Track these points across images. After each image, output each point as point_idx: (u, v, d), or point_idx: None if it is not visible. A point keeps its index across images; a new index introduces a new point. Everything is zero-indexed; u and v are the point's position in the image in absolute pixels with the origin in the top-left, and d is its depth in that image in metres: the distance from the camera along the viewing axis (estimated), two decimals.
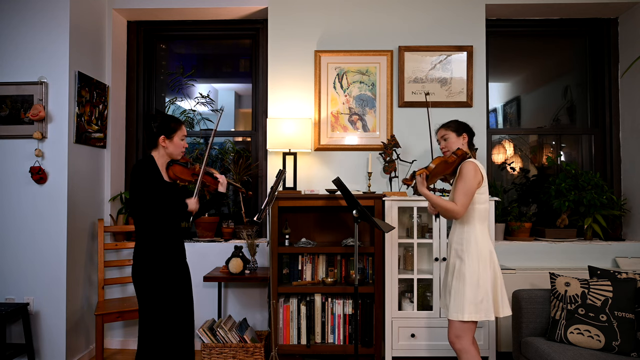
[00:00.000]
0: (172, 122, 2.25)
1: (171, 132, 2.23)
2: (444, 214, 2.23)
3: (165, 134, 2.22)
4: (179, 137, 2.25)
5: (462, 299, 2.13)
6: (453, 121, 2.40)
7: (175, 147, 2.25)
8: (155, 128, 2.21)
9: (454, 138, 2.33)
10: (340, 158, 3.44)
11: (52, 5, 3.01)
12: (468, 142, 2.36)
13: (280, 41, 3.46)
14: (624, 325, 2.32)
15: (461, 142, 2.33)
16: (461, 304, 2.13)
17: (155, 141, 2.23)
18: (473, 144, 2.42)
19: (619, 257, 3.27)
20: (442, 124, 2.41)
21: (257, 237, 3.52)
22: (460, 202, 2.14)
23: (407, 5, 3.45)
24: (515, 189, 3.74)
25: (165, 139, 2.22)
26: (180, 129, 2.26)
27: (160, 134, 2.21)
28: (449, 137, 2.33)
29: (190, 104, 3.79)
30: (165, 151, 2.25)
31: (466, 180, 2.15)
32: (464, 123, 2.39)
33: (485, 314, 2.11)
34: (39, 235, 2.97)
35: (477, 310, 2.11)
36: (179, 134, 2.25)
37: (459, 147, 2.29)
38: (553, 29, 3.72)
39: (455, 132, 2.34)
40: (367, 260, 3.14)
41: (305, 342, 3.06)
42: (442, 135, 2.37)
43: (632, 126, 3.47)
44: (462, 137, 2.33)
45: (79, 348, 3.17)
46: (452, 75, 3.41)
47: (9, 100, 3.00)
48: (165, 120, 2.24)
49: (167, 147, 2.23)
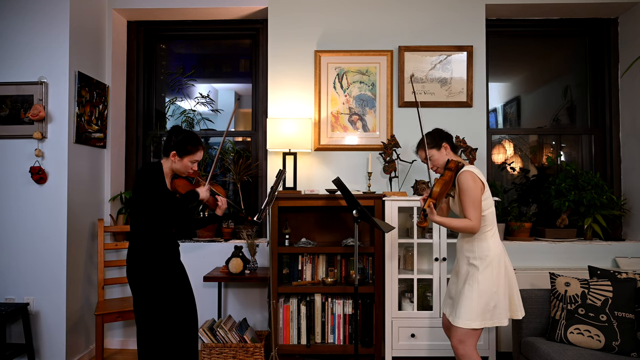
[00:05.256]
0: (189, 145, 2.24)
1: (184, 154, 2.24)
2: (462, 232, 2.18)
3: (177, 152, 2.23)
4: (189, 159, 2.26)
5: (475, 306, 2.09)
6: (426, 136, 2.28)
7: (182, 167, 2.26)
8: (173, 142, 2.24)
9: (436, 154, 2.26)
10: (340, 158, 3.44)
11: (52, 5, 3.01)
12: (451, 148, 2.28)
13: (280, 41, 3.46)
14: (624, 325, 2.32)
15: (445, 153, 2.26)
16: (473, 311, 2.09)
17: (168, 152, 2.25)
18: (455, 145, 2.34)
19: (619, 257, 3.27)
20: (417, 146, 2.32)
21: (257, 237, 3.52)
22: (474, 216, 2.09)
23: (407, 5, 3.45)
24: (515, 189, 3.74)
25: (176, 155, 2.24)
26: (194, 154, 2.26)
27: (174, 149, 2.23)
28: (432, 155, 2.26)
29: (190, 104, 3.79)
30: (172, 165, 2.27)
31: (469, 191, 2.10)
32: (436, 132, 2.31)
33: (499, 320, 2.10)
34: (39, 235, 2.98)
35: (490, 317, 2.10)
36: (191, 157, 2.26)
37: (448, 159, 2.23)
38: (553, 29, 3.72)
39: (434, 147, 2.26)
40: (367, 260, 3.14)
41: (305, 342, 3.06)
42: (424, 157, 2.28)
43: (632, 126, 3.47)
44: (444, 148, 2.26)
45: (79, 348, 3.17)
46: (452, 75, 3.41)
47: (9, 100, 3.00)
48: (185, 140, 2.24)
49: (175, 163, 2.26)
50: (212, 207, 2.41)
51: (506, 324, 2.12)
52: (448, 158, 2.24)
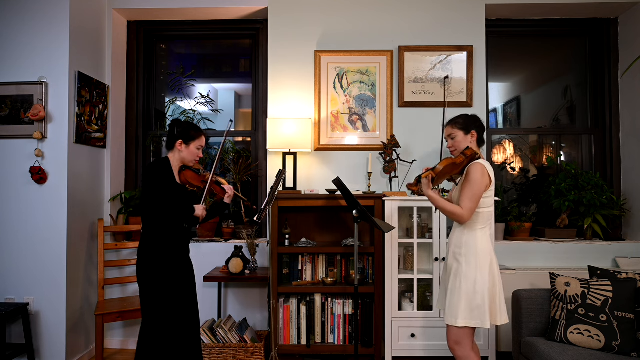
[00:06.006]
0: (192, 130, 2.34)
1: (189, 139, 2.33)
2: (449, 217, 2.15)
3: (183, 139, 2.31)
4: (195, 145, 2.35)
5: (458, 304, 2.07)
6: (461, 116, 2.24)
7: (189, 154, 2.34)
8: (177, 132, 2.32)
9: (461, 137, 2.19)
10: (340, 158, 3.44)
11: (52, 5, 3.01)
12: (478, 138, 2.21)
13: (280, 41, 3.46)
14: (624, 325, 2.32)
15: (469, 141, 2.19)
16: (456, 308, 2.07)
17: (173, 144, 2.33)
18: (483, 139, 2.27)
19: (619, 257, 3.27)
20: (450, 120, 2.25)
21: (257, 237, 3.52)
22: (467, 207, 2.06)
23: (407, 5, 3.45)
24: (515, 189, 3.74)
25: (183, 143, 2.32)
26: (198, 139, 2.36)
27: (179, 137, 2.31)
28: (457, 135, 2.20)
29: (190, 104, 3.79)
30: (179, 155, 2.34)
31: (473, 183, 2.06)
32: (473, 117, 2.23)
33: (481, 321, 2.04)
34: (39, 235, 2.97)
35: (471, 317, 2.05)
36: (196, 142, 2.35)
37: (468, 146, 2.17)
38: (553, 29, 3.72)
39: (463, 129, 2.19)
40: (367, 260, 3.14)
41: (305, 342, 3.06)
42: (449, 133, 2.23)
43: (632, 126, 3.47)
44: (471, 135, 2.19)
45: (79, 348, 3.17)
46: (452, 75, 3.41)
47: (9, 100, 3.00)
48: (187, 127, 2.34)
49: (182, 152, 2.33)
50: (221, 195, 2.49)
51: (488, 326, 2.04)
52: (469, 145, 2.18)
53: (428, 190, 2.13)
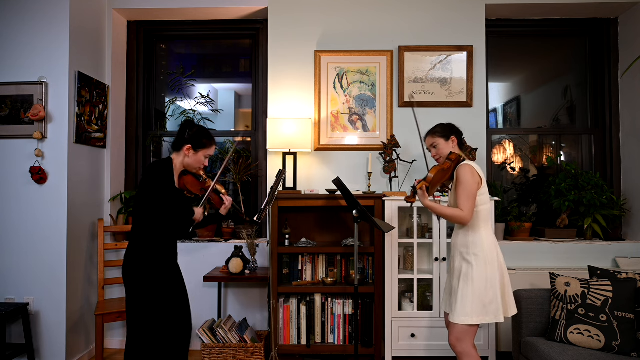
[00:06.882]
0: (205, 138, 2.24)
1: (199, 147, 2.23)
2: (452, 221, 2.20)
3: (193, 145, 2.21)
4: (204, 154, 2.25)
5: (470, 303, 2.10)
6: (438, 126, 2.35)
7: (195, 161, 2.24)
8: (187, 135, 2.21)
9: (443, 144, 2.30)
10: (340, 158, 3.44)
11: (52, 5, 3.00)
12: (458, 142, 2.33)
13: (280, 41, 3.46)
14: (624, 325, 2.32)
15: (451, 146, 2.31)
16: (469, 307, 2.10)
17: (181, 146, 2.22)
18: (464, 142, 2.39)
19: (619, 257, 3.27)
20: (428, 131, 2.37)
21: (257, 237, 3.52)
22: (466, 207, 2.12)
23: (407, 5, 3.45)
24: (515, 189, 3.74)
25: (191, 149, 2.21)
26: (209, 148, 2.26)
27: (189, 142, 2.21)
28: (438, 143, 2.31)
29: (190, 104, 3.79)
30: (185, 160, 2.23)
31: (465, 184, 2.13)
32: (449, 125, 2.35)
33: (495, 316, 2.11)
34: (39, 235, 2.97)
35: (486, 313, 2.10)
36: (205, 151, 2.25)
37: (451, 151, 2.28)
38: (553, 29, 3.72)
39: (443, 137, 2.31)
40: (367, 260, 3.14)
41: (305, 342, 3.06)
42: (431, 143, 2.34)
43: (632, 126, 3.47)
44: (452, 140, 2.31)
45: (79, 348, 3.17)
46: (452, 75, 3.41)
47: (9, 100, 3.00)
48: (200, 134, 2.23)
49: (188, 157, 2.23)
50: (218, 206, 2.40)
51: (502, 320, 2.12)
52: (451, 150, 2.29)
53: (426, 200, 2.19)
